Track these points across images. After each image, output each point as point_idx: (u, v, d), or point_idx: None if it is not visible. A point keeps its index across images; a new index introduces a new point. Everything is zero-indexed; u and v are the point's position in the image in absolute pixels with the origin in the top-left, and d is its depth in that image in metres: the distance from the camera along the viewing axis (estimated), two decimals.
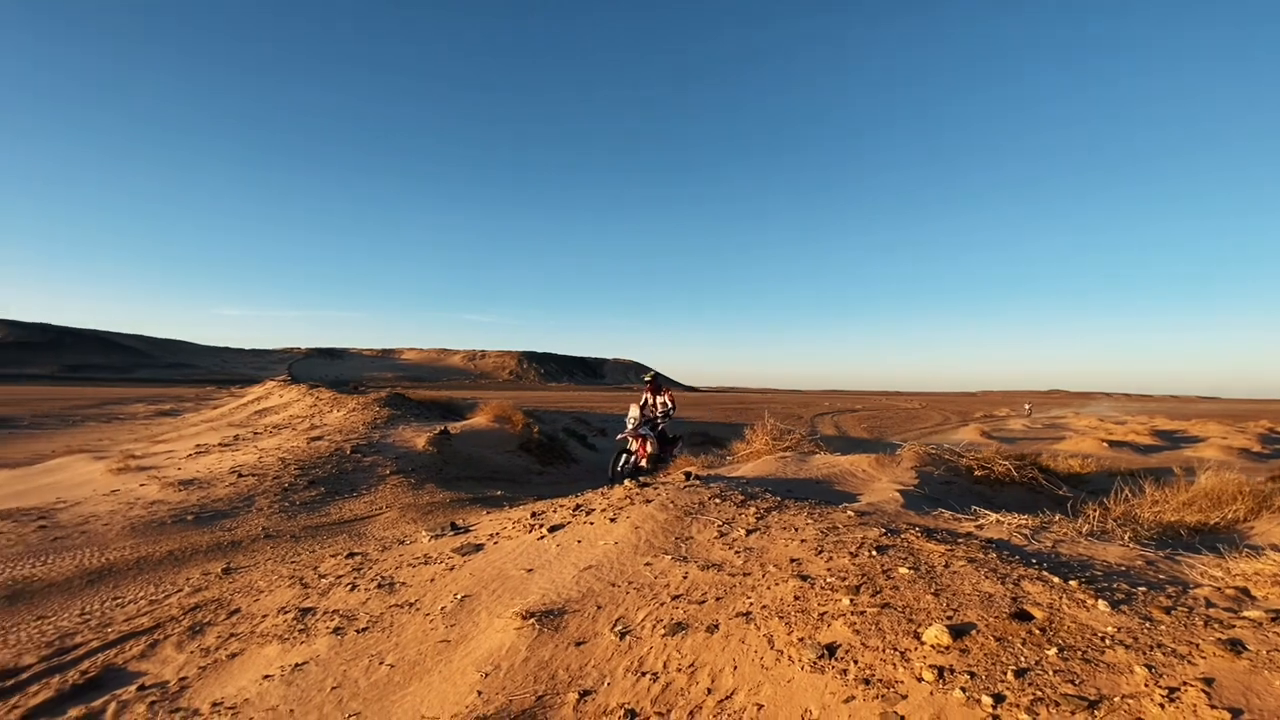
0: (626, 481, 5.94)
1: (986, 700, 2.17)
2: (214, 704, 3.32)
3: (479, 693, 2.94)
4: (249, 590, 5.13)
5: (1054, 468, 9.09)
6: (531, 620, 3.46)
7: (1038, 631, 2.57)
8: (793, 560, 3.78)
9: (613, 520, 4.90)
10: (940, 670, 2.37)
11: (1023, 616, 2.73)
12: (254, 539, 7.02)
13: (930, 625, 2.67)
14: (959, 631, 2.61)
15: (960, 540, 3.91)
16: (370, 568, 5.13)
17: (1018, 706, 2.12)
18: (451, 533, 5.75)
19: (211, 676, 3.69)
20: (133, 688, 3.64)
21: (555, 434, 15.04)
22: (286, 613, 4.39)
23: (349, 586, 4.72)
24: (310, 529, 7.48)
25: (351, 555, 5.68)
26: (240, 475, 9.46)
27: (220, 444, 13.33)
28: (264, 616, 4.42)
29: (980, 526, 4.43)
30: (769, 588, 3.44)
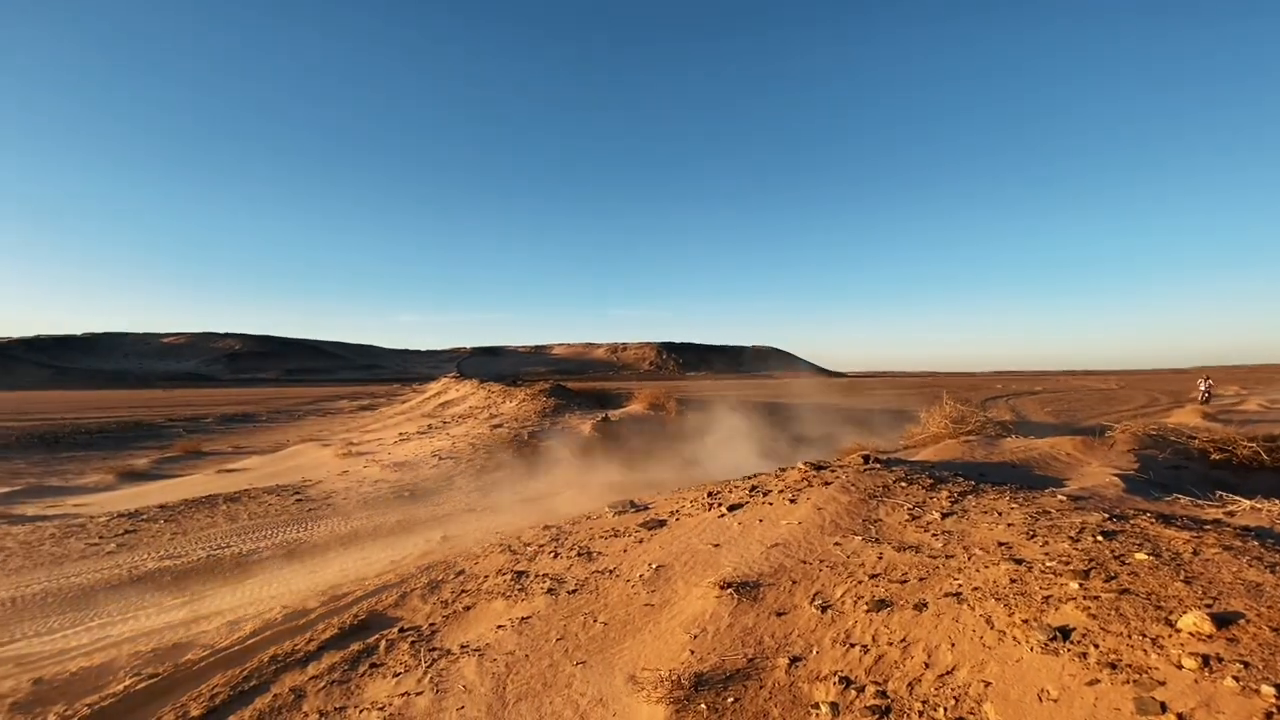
0: (800, 463, 5.94)
1: (1268, 690, 1.95)
2: (462, 646, 3.90)
3: (691, 651, 3.18)
4: (468, 555, 5.90)
5: None
6: (729, 590, 3.65)
7: None
8: (1001, 544, 3.59)
9: (792, 501, 4.96)
10: (1205, 658, 2.17)
11: None
12: (460, 512, 8.03)
13: (1186, 613, 2.43)
14: (1223, 620, 2.36)
15: (1208, 527, 3.46)
16: (566, 539, 5.65)
17: None
18: (632, 510, 6.15)
19: (454, 623, 4.34)
20: (394, 630, 4.38)
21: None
22: (504, 574, 5.01)
23: (552, 554, 5.25)
24: (506, 505, 8.39)
25: (547, 528, 6.29)
26: (440, 459, 10.80)
27: (418, 432, 15.27)
28: (485, 577, 5.08)
29: (1230, 514, 3.87)
30: (977, 570, 3.31)
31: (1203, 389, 22.45)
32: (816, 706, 2.61)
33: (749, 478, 6.20)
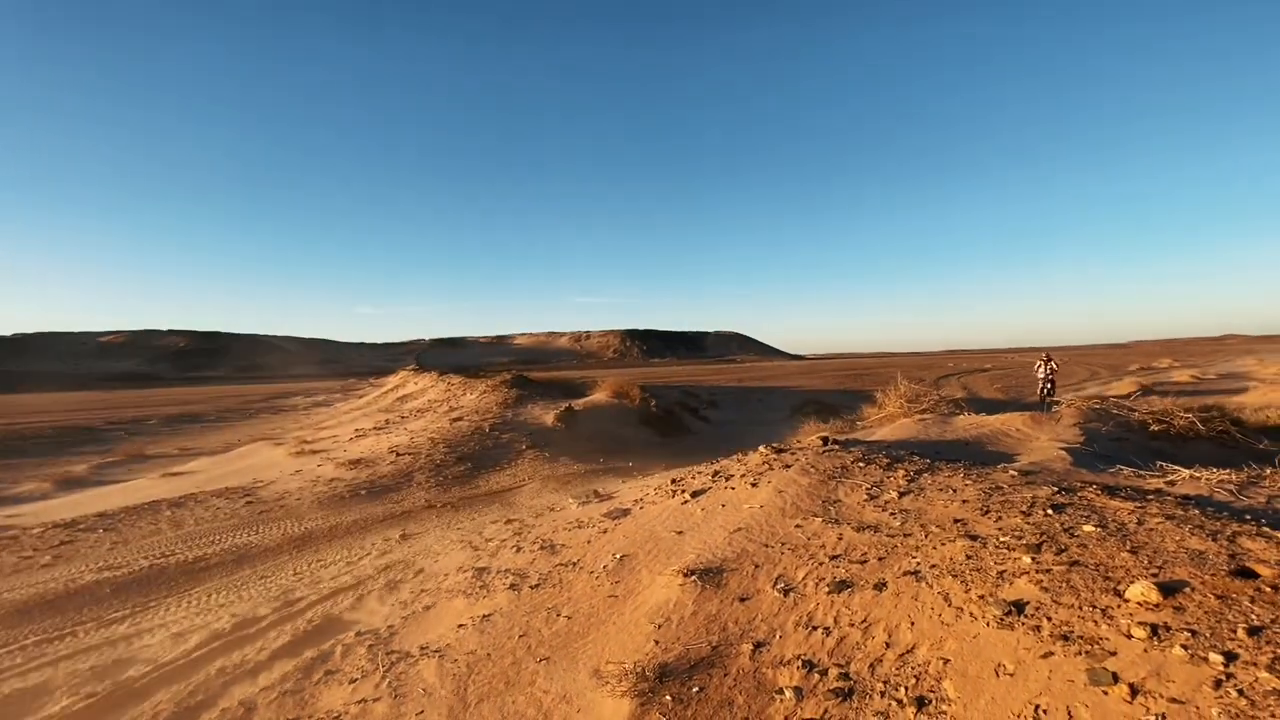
0: (761, 448, 5.97)
1: (1215, 658, 2.02)
2: (421, 647, 3.79)
3: (656, 642, 3.15)
4: (427, 553, 5.75)
5: (1246, 420, 7.99)
6: (693, 578, 3.63)
7: (1269, 589, 2.34)
8: (956, 520, 3.66)
9: (754, 485, 4.97)
10: (1153, 627, 2.23)
11: (1246, 574, 2.48)
12: (420, 509, 7.83)
13: (1133, 583, 2.50)
14: (1169, 589, 2.43)
15: (1150, 497, 3.60)
16: (529, 532, 5.57)
17: (1254, 665, 1.96)
18: (596, 500, 6.09)
19: (413, 624, 4.22)
20: (350, 634, 4.23)
21: (671, 407, 15.31)
22: (465, 571, 4.90)
23: (514, 549, 5.16)
24: (466, 499, 8.22)
25: (509, 521, 6.19)
26: (398, 454, 10.52)
27: (374, 428, 14.86)
28: (445, 575, 4.96)
29: (1171, 483, 4.04)
30: (935, 547, 3.36)
31: (1042, 376, 13.73)
32: (780, 692, 2.61)
33: (713, 462, 6.21)
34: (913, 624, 2.75)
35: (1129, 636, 2.23)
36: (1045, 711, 2.09)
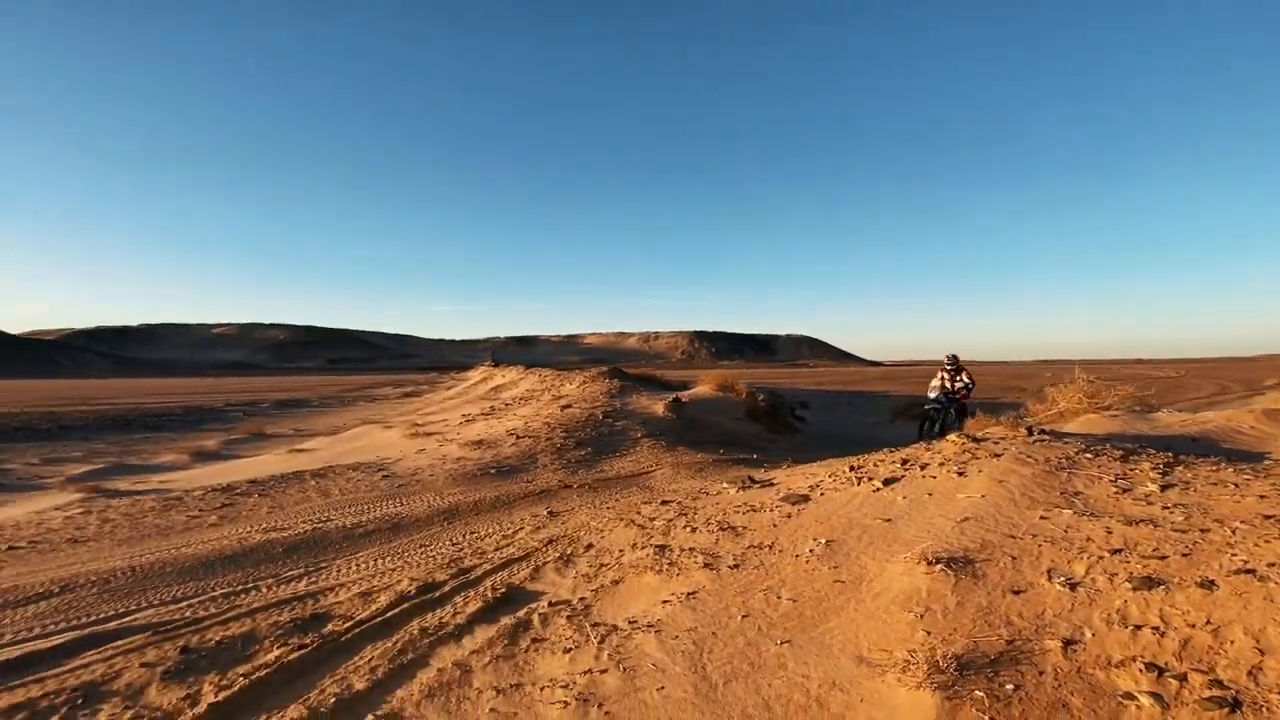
0: (952, 436, 5.48)
1: None
2: (629, 621, 3.58)
3: (927, 632, 2.79)
4: (587, 529, 5.61)
5: None
6: (939, 566, 3.24)
7: None
8: (1267, 517, 3.10)
9: (960, 474, 4.51)
10: None
11: None
12: (556, 489, 7.77)
13: None
14: None
15: None
16: (695, 513, 5.31)
17: None
18: (756, 485, 5.77)
19: (606, 598, 4.03)
20: (542, 603, 4.09)
21: (776, 404, 14.82)
22: (641, 548, 4.69)
23: (687, 529, 4.91)
24: (600, 482, 8.11)
25: (665, 503, 5.97)
26: (518, 437, 10.58)
27: (481, 414, 15.15)
28: (621, 551, 4.76)
29: None
30: (1256, 545, 2.84)
31: (936, 393, 10.55)
32: (1131, 697, 2.19)
33: (890, 451, 5.75)
34: None
35: None
36: None
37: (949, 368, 10.75)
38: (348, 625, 3.97)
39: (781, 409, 14.58)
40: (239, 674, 3.43)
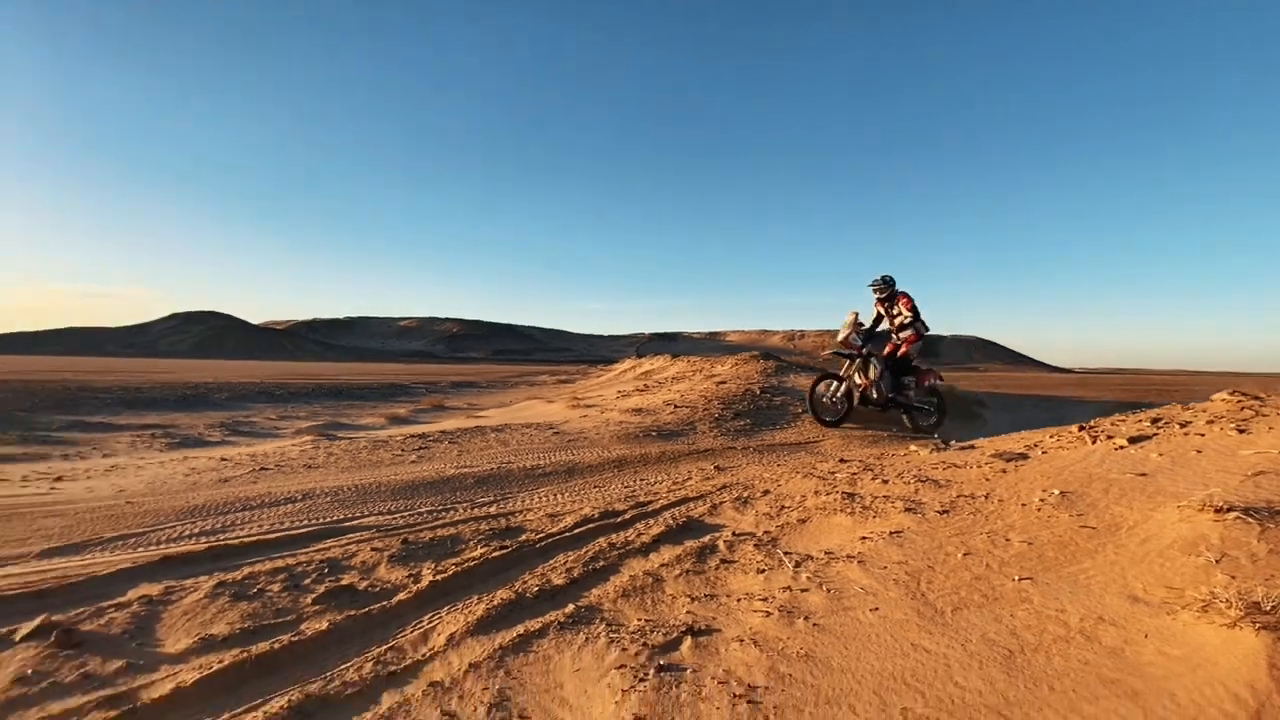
0: (1223, 393, 4.52)
1: None
2: (826, 552, 3.36)
3: (1231, 576, 2.26)
4: (760, 479, 5.43)
5: None
6: (1234, 514, 2.62)
7: None
8: None
9: (1242, 431, 3.68)
10: None
11: None
12: (720, 449, 7.69)
13: None
14: None
15: None
16: (882, 470, 4.92)
17: None
18: (953, 446, 5.21)
19: (794, 534, 3.83)
20: (725, 533, 3.99)
21: (956, 393, 13.47)
22: (826, 494, 4.42)
23: (878, 481, 4.55)
24: (764, 447, 7.90)
25: (843, 461, 5.62)
26: (675, 407, 10.65)
27: (636, 390, 15.53)
28: (804, 496, 4.53)
29: None
30: None
31: (852, 324, 7.82)
32: None
33: (1143, 410, 4.90)
34: None
35: None
36: None
37: (880, 294, 7.37)
38: (540, 536, 4.16)
39: (961, 397, 13.22)
40: (451, 563, 3.73)
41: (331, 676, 2.51)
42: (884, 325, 7.74)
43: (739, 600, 2.93)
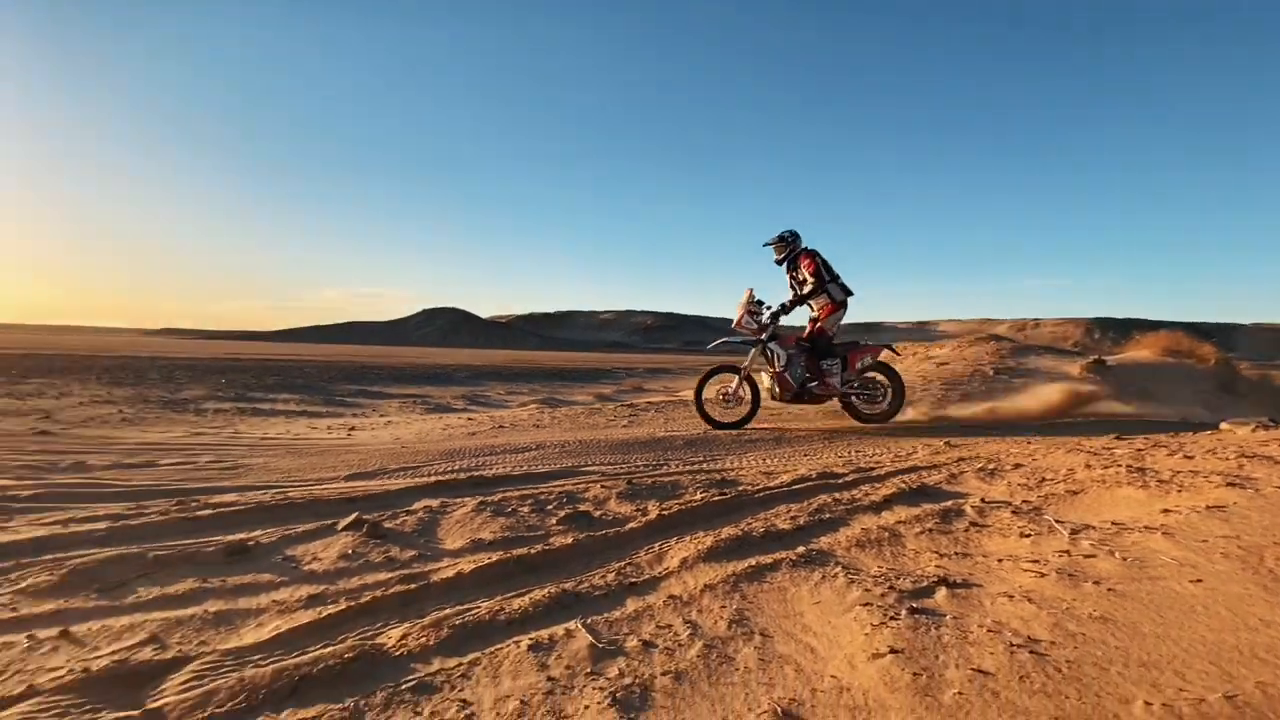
0: None
1: None
2: (1112, 522, 2.82)
3: None
4: (1007, 453, 4.79)
5: None
6: None
7: None
8: None
9: None
10: None
11: None
12: (949, 428, 6.97)
13: None
14: None
15: None
16: (1180, 448, 4.01)
17: None
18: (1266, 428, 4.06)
19: (1063, 504, 3.29)
20: (973, 499, 3.57)
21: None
22: (1103, 469, 3.72)
23: (1178, 456, 3.72)
24: (1003, 427, 6.99)
25: (1120, 438, 4.70)
26: None
27: None
28: (1071, 470, 3.87)
29: None
30: None
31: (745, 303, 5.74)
32: None
33: None
34: None
35: None
36: None
37: (779, 257, 6.11)
38: (757, 489, 4.12)
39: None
40: (674, 503, 3.85)
41: (582, 580, 2.73)
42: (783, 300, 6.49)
43: (1000, 560, 2.59)
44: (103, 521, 3.60)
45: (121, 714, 1.84)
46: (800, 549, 2.91)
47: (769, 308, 6.22)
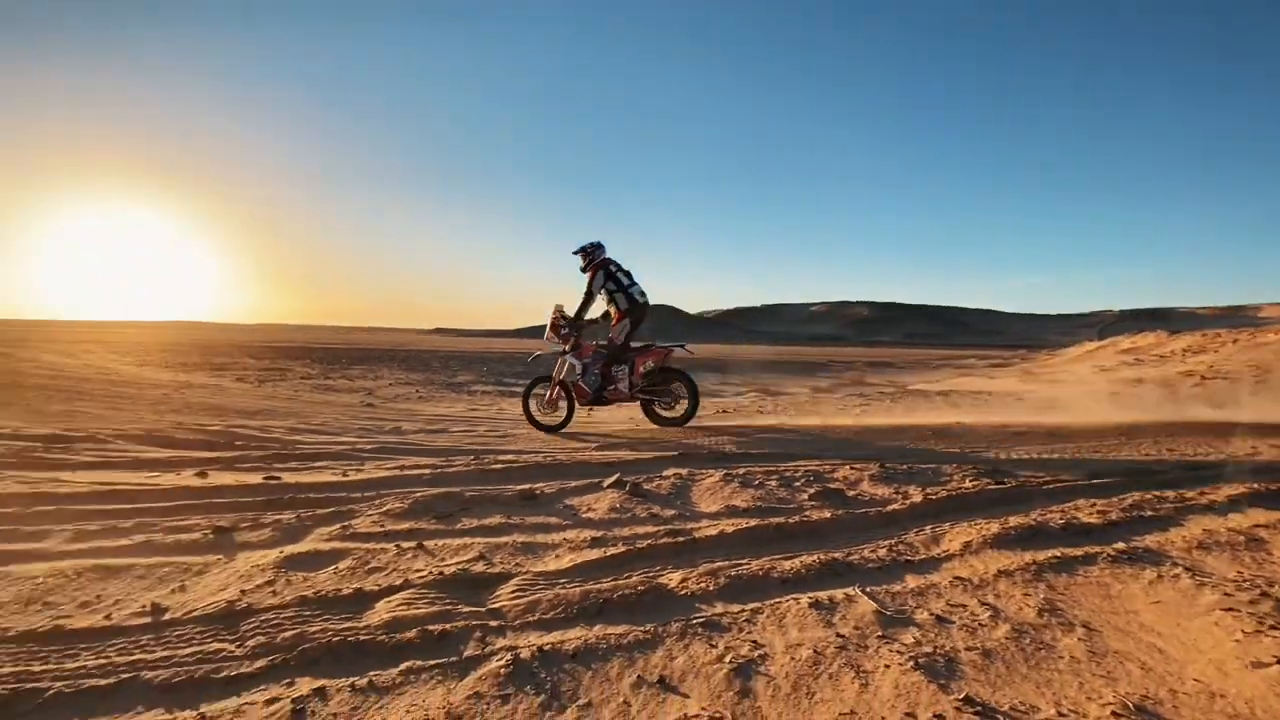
0: None
1: None
2: None
3: None
4: None
5: None
6: None
7: None
8: None
9: None
10: None
11: None
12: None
13: None
14: None
15: None
16: None
17: None
18: None
19: None
20: None
21: None
22: None
23: None
24: None
25: None
26: (1201, 379, 7.99)
27: (1123, 364, 12.32)
28: None
29: None
30: None
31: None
32: None
33: None
34: None
35: None
36: None
37: (582, 265, 5.96)
38: (1042, 481, 3.63)
39: None
40: (940, 489, 3.56)
41: (850, 552, 2.65)
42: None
43: None
44: (426, 469, 4.45)
45: (473, 608, 2.25)
46: (1119, 545, 2.47)
47: (568, 318, 6.37)
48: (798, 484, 3.86)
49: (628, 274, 6.22)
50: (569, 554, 2.79)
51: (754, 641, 1.94)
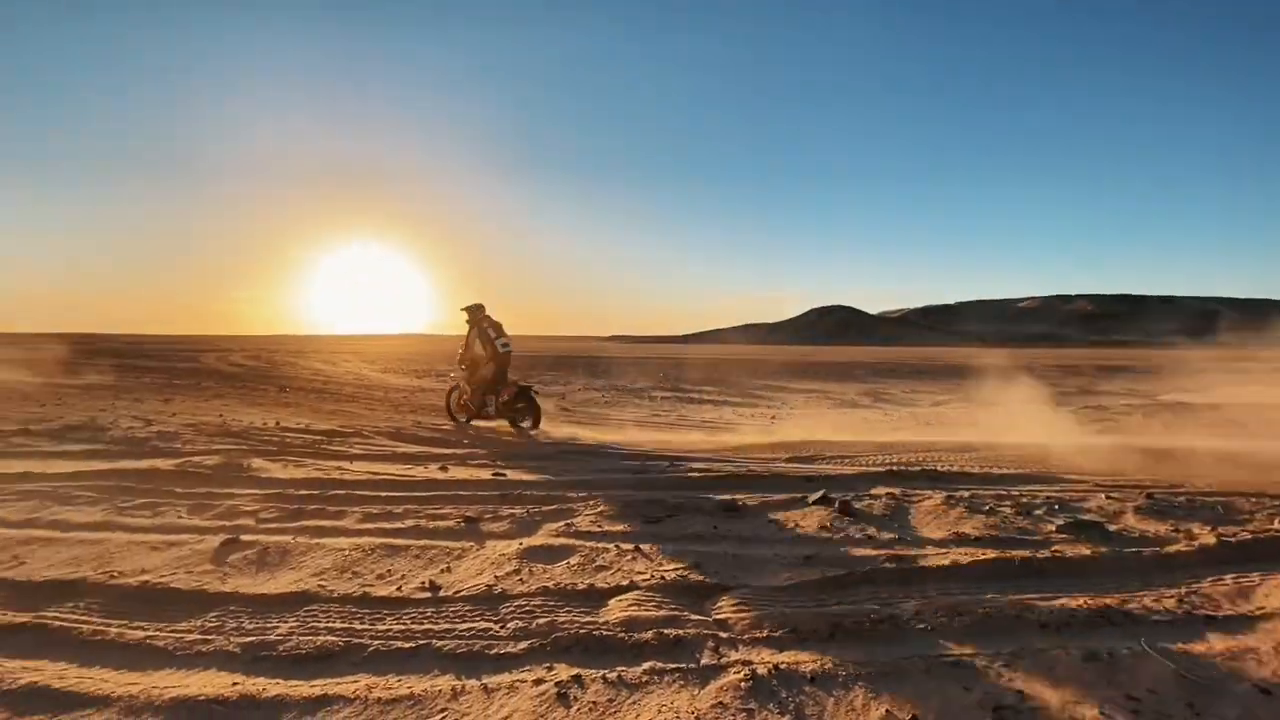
0: None
1: None
2: None
3: None
4: None
5: None
6: None
7: None
8: None
9: None
10: None
11: None
12: None
13: None
14: None
15: None
16: None
17: None
18: None
19: None
20: None
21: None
22: None
23: None
24: None
25: None
26: None
27: None
28: None
29: None
30: None
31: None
32: None
33: None
34: None
35: None
36: None
37: (467, 319, 7.70)
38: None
39: None
40: (1241, 530, 2.92)
41: (1126, 598, 2.27)
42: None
43: None
44: (625, 474, 4.68)
45: (699, 616, 2.30)
46: None
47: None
48: (1038, 512, 3.40)
49: (497, 327, 7.69)
50: (784, 571, 2.74)
51: (1018, 691, 1.73)
